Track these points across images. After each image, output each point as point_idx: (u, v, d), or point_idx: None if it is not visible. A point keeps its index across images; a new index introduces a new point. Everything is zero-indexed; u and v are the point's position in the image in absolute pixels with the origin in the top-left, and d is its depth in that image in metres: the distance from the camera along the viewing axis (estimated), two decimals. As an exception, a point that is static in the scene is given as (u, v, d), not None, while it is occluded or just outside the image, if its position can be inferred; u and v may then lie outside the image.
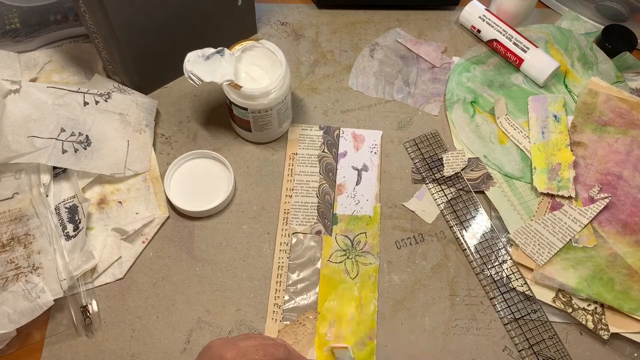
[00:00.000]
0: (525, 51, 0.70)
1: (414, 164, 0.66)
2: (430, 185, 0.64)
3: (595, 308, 0.57)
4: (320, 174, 0.64)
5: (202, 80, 0.57)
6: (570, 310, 0.57)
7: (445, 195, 0.63)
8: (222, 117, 0.67)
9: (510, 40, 0.71)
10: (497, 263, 0.60)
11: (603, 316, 0.56)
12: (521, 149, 0.66)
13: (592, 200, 0.62)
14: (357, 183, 0.64)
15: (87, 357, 0.54)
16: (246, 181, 0.64)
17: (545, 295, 0.58)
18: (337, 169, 0.65)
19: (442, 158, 0.66)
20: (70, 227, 0.57)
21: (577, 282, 0.57)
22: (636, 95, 0.69)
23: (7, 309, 0.52)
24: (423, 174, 0.65)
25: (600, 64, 0.72)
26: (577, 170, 0.63)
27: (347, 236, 0.61)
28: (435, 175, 0.65)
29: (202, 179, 0.63)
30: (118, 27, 0.58)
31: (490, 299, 0.58)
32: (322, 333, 0.56)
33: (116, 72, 0.65)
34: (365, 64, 0.73)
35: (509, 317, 0.57)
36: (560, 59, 0.72)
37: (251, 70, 0.60)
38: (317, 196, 0.63)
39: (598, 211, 0.61)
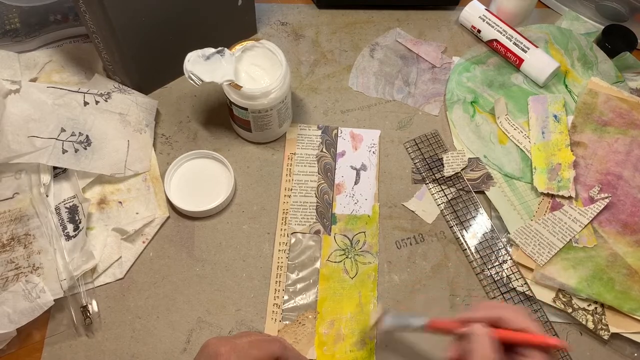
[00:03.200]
0: (525, 51, 0.70)
1: (414, 164, 0.66)
2: (431, 185, 0.64)
3: (596, 308, 0.57)
4: (318, 173, 0.64)
5: (202, 80, 0.57)
6: (570, 310, 0.57)
7: (446, 195, 0.63)
8: (222, 117, 0.67)
9: (510, 40, 0.71)
10: (497, 263, 0.60)
11: (603, 316, 0.56)
12: (521, 149, 0.66)
13: (592, 200, 0.62)
14: (356, 182, 0.64)
15: (87, 357, 0.54)
16: (246, 181, 0.64)
17: (545, 296, 0.58)
18: (335, 169, 0.65)
19: (442, 158, 0.66)
20: (70, 227, 0.57)
21: (577, 282, 0.57)
22: (636, 95, 0.69)
23: (7, 309, 0.52)
24: (423, 174, 0.65)
25: (600, 64, 0.72)
26: (577, 170, 0.63)
27: (346, 236, 0.61)
28: (436, 175, 0.65)
29: (202, 179, 0.63)
30: (118, 27, 0.58)
31: (490, 299, 0.58)
32: (321, 333, 0.56)
33: (116, 72, 0.66)
34: (365, 64, 0.73)
35: (508, 317, 0.57)
36: (560, 59, 0.72)
37: (251, 70, 0.60)
38: (315, 196, 0.63)
39: (598, 211, 0.60)
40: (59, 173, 0.60)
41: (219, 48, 0.58)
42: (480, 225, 0.62)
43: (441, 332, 0.47)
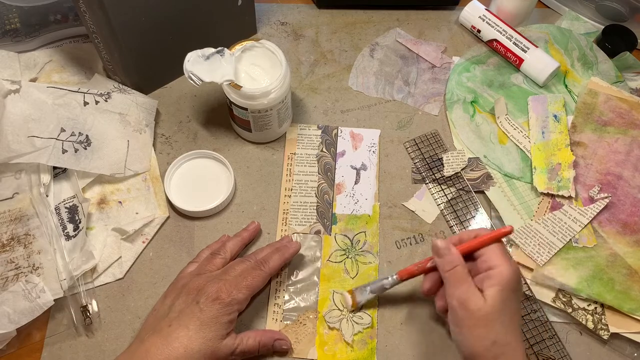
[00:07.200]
0: (525, 51, 0.70)
1: (414, 163, 0.66)
2: (430, 185, 0.64)
3: (595, 308, 0.57)
4: (318, 173, 0.64)
5: (202, 80, 0.57)
6: (570, 310, 0.57)
7: (445, 195, 0.63)
8: (222, 117, 0.67)
9: (510, 40, 0.71)
10: (497, 263, 0.59)
11: (603, 316, 0.56)
12: (521, 149, 0.66)
13: (592, 200, 0.62)
14: (356, 182, 0.64)
15: (87, 357, 0.54)
16: (246, 181, 0.64)
17: (545, 295, 0.58)
18: (335, 169, 0.65)
19: (442, 158, 0.66)
20: (70, 227, 0.57)
21: (577, 282, 0.57)
22: (636, 95, 0.69)
23: (7, 309, 0.52)
24: (423, 173, 0.65)
25: (600, 64, 0.72)
26: (577, 170, 0.63)
27: (346, 235, 0.61)
28: (435, 175, 0.65)
29: (202, 179, 0.63)
30: (118, 27, 0.58)
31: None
32: (322, 332, 0.56)
33: (116, 72, 0.66)
34: (365, 63, 0.73)
35: (509, 317, 0.57)
36: (560, 59, 0.72)
37: (251, 70, 0.60)
38: (316, 196, 0.63)
39: (598, 211, 0.61)
40: (58, 173, 0.60)
41: (219, 48, 0.58)
42: (480, 225, 0.62)
43: (412, 275, 0.53)
